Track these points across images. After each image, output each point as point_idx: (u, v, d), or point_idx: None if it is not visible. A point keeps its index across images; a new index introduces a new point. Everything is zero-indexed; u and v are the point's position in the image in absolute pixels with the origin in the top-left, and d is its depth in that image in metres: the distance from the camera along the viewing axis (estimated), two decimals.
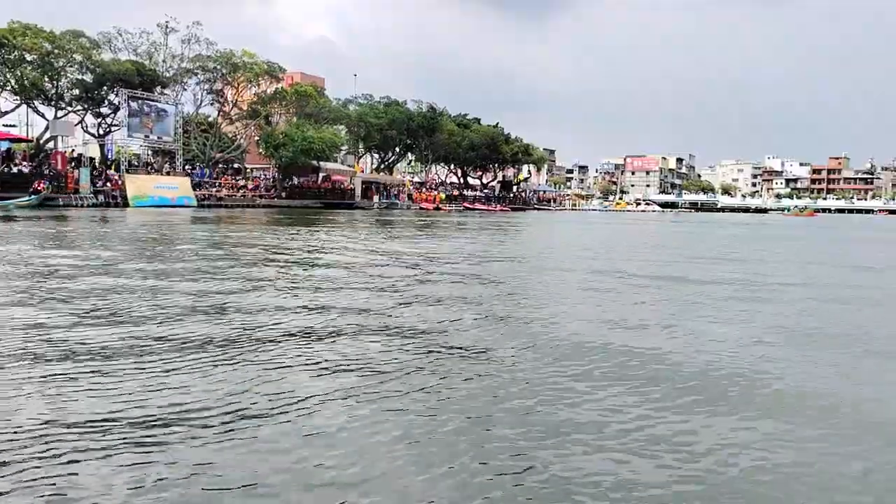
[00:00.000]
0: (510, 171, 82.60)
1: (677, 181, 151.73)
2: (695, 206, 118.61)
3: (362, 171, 57.21)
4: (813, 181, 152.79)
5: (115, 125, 40.08)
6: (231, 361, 4.01)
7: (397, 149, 64.46)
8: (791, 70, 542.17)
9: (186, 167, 42.15)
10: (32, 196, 27.91)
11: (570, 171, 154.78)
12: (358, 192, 51.47)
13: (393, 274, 8.64)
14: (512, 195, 77.96)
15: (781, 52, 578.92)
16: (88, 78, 37.36)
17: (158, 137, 38.98)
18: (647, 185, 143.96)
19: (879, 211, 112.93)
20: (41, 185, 29.16)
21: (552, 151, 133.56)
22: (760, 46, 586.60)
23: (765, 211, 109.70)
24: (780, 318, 5.94)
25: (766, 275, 9.84)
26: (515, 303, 6.48)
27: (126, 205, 32.58)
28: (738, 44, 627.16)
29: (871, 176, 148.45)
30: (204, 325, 4.99)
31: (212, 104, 45.47)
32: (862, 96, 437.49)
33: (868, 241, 23.46)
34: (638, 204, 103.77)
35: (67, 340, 4.40)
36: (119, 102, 37.62)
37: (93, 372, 3.70)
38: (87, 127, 40.90)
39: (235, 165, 48.85)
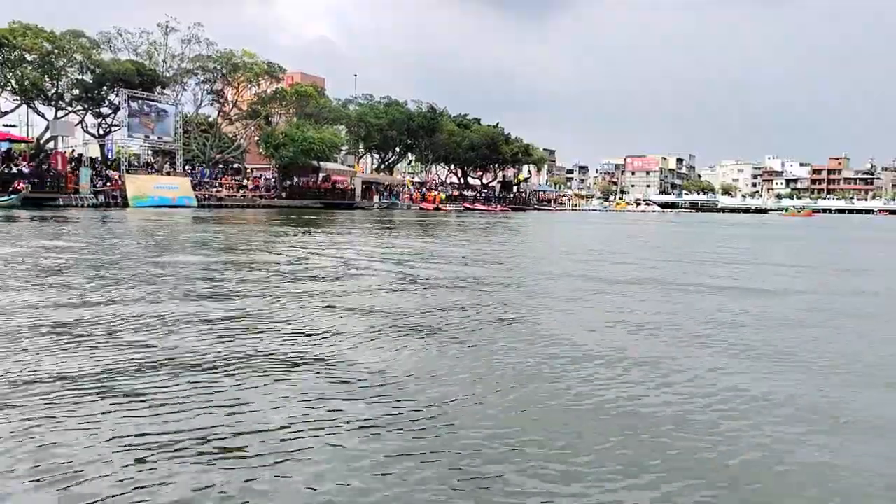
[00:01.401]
0: (510, 172, 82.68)
1: (677, 181, 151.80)
2: (695, 207, 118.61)
3: (362, 172, 57.26)
4: (813, 181, 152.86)
5: (116, 125, 40.13)
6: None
7: (397, 149, 64.52)
8: (791, 70, 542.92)
9: (186, 167, 42.19)
10: (12, 196, 27.83)
11: (570, 172, 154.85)
12: (358, 192, 51.50)
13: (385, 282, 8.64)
14: (512, 195, 78.01)
15: (781, 52, 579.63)
16: (88, 78, 37.41)
17: (158, 137, 39.03)
18: (648, 186, 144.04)
19: (879, 211, 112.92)
20: (21, 184, 29.06)
21: (552, 151, 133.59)
22: (760, 46, 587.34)
23: (765, 211, 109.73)
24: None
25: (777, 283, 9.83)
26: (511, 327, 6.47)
27: (126, 205, 32.63)
28: (738, 44, 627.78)
29: (871, 176, 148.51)
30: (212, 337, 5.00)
31: (212, 104, 45.57)
32: (862, 96, 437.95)
33: (866, 242, 23.42)
34: (638, 204, 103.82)
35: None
36: (119, 102, 37.67)
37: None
38: (87, 127, 40.95)
39: (235, 165, 48.89)
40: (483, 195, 72.54)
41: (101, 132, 41.32)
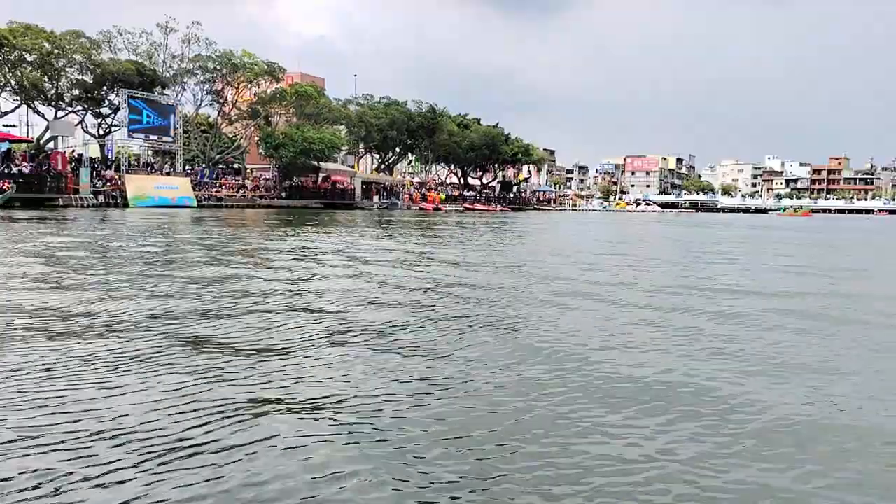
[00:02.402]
0: (510, 172, 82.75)
1: (677, 181, 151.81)
2: (695, 207, 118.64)
3: (362, 172, 57.32)
4: (813, 181, 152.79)
5: (116, 125, 40.16)
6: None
7: (397, 149, 64.55)
8: (791, 70, 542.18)
9: (186, 167, 42.23)
10: None
11: (570, 172, 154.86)
12: (358, 192, 51.56)
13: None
14: (512, 195, 78.09)
15: (782, 52, 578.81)
16: (88, 78, 37.43)
17: (158, 138, 39.04)
18: (648, 186, 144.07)
19: (879, 211, 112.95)
20: (6, 184, 29.00)
21: (552, 151, 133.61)
22: (761, 46, 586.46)
23: (765, 211, 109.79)
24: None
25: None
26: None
27: (126, 205, 32.66)
28: (738, 44, 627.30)
29: (871, 176, 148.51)
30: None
31: (212, 104, 45.59)
32: (862, 96, 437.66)
33: (864, 243, 23.42)
34: (638, 204, 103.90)
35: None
36: (119, 102, 37.69)
37: None
38: (87, 127, 40.96)
39: (235, 165, 48.95)
40: (483, 195, 72.62)
41: (101, 132, 41.32)
